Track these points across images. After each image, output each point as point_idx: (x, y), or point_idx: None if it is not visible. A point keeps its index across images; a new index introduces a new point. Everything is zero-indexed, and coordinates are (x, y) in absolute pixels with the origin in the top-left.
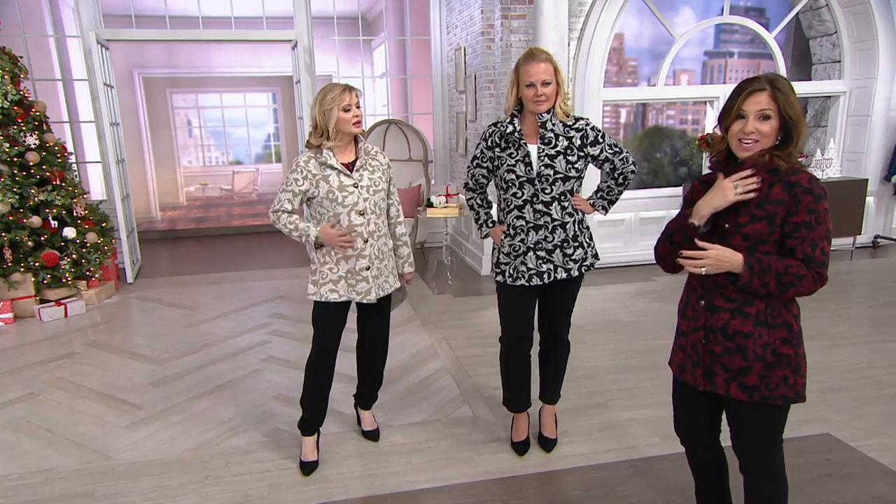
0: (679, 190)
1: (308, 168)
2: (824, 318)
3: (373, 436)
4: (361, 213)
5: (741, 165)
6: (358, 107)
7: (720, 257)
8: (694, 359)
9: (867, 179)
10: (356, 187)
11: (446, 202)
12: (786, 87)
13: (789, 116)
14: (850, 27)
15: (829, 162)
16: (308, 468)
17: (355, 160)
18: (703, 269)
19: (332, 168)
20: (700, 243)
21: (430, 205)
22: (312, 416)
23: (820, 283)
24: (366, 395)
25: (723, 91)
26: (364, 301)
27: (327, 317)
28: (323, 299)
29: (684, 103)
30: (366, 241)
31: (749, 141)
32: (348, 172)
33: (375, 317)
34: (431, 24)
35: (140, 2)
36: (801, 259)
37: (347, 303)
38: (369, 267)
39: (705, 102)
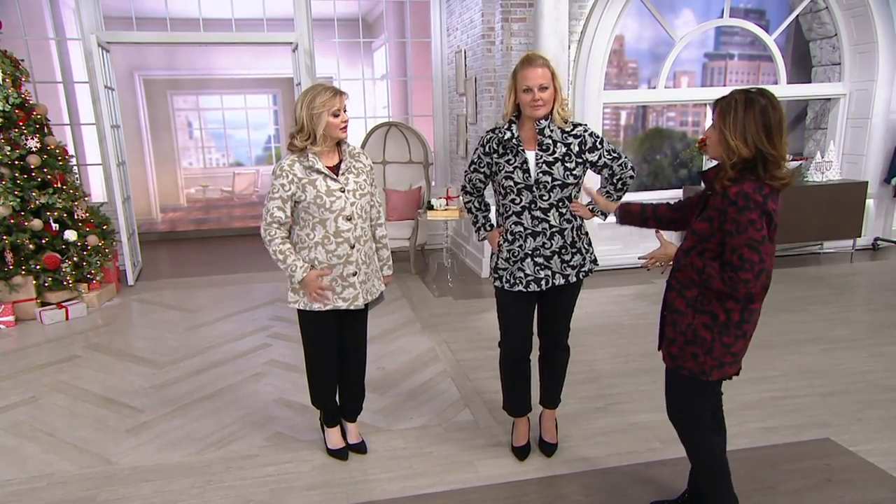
0: (679, 192)
1: (293, 171)
2: (824, 321)
3: (360, 448)
4: (349, 219)
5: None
6: (345, 111)
7: (664, 252)
8: (660, 325)
9: (867, 182)
10: (343, 192)
11: (446, 204)
12: (728, 105)
13: (720, 128)
14: (849, 30)
15: (829, 164)
16: (342, 454)
17: (339, 163)
18: (656, 263)
19: (319, 172)
20: (658, 235)
21: (430, 207)
22: (329, 411)
23: (732, 285)
24: (349, 407)
25: (723, 93)
26: (352, 307)
27: (315, 325)
28: (307, 307)
29: (684, 105)
30: (353, 247)
31: (706, 145)
32: (335, 177)
33: (356, 325)
34: (432, 26)
35: (141, 4)
36: (723, 261)
37: (333, 311)
38: (356, 272)
39: (705, 104)
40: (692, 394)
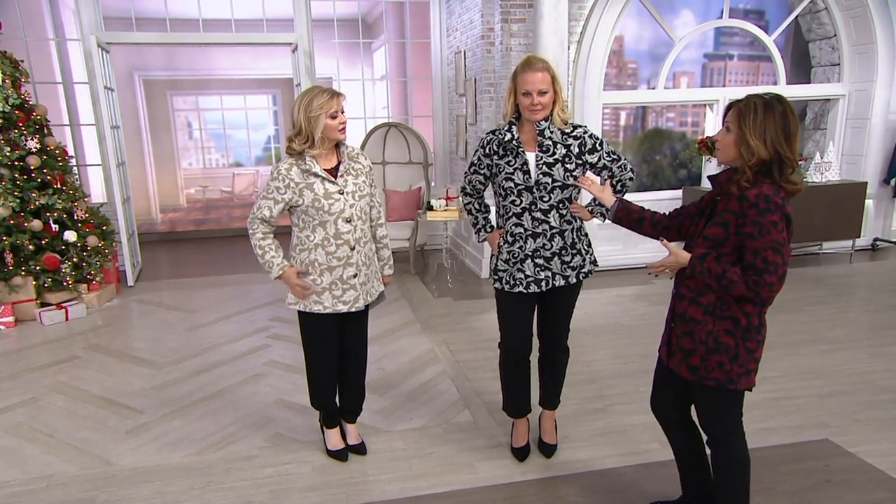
0: (679, 192)
1: (290, 176)
2: (823, 322)
3: (359, 449)
4: (348, 221)
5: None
6: (343, 112)
7: (676, 260)
8: (666, 338)
9: (866, 182)
10: (342, 194)
11: (446, 205)
12: (746, 108)
13: (740, 129)
14: (849, 30)
15: (828, 165)
16: (342, 455)
17: (338, 165)
18: (665, 271)
19: (317, 175)
20: (664, 243)
21: (430, 208)
22: (329, 412)
23: (757, 289)
24: (349, 409)
25: (722, 94)
26: (353, 309)
27: (316, 328)
28: (308, 309)
29: (684, 106)
30: (353, 249)
31: (717, 146)
32: (333, 179)
33: (356, 326)
34: (431, 26)
35: (140, 4)
36: (744, 265)
37: (334, 314)
38: (356, 274)
39: (705, 105)
40: (721, 405)
